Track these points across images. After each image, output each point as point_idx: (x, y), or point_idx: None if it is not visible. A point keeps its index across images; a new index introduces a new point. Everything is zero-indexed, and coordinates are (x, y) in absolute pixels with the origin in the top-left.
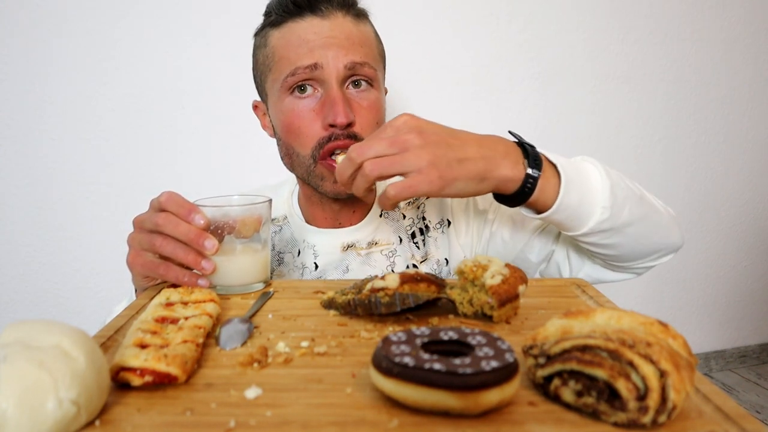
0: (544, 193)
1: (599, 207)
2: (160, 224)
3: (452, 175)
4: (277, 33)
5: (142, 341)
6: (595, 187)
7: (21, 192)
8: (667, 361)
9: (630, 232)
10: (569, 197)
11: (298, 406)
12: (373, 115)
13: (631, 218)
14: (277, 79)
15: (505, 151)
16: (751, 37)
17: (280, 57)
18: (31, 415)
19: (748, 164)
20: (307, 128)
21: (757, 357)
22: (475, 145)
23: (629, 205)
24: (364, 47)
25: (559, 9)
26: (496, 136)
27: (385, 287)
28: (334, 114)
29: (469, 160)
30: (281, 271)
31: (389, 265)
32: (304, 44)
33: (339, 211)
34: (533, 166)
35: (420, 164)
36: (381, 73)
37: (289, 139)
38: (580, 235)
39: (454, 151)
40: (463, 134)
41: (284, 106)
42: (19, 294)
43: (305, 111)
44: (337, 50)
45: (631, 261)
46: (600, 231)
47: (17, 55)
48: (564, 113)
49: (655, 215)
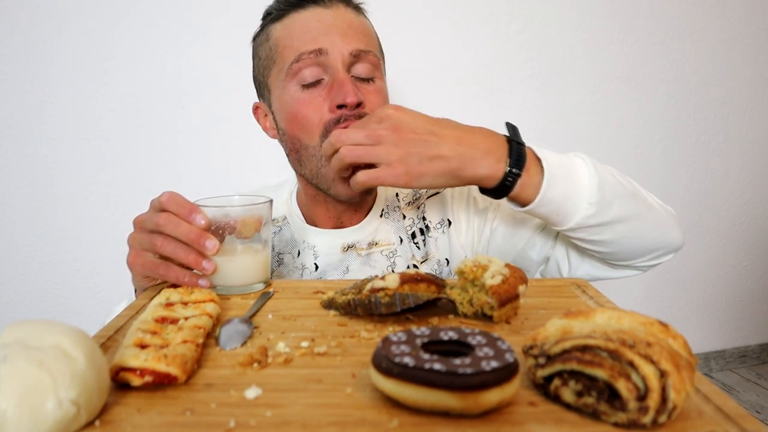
0: (525, 189)
1: (585, 203)
2: (160, 224)
3: (420, 171)
4: (279, 25)
5: (142, 341)
6: (582, 182)
7: (21, 192)
8: (667, 361)
9: (620, 229)
10: (552, 192)
11: (298, 407)
12: (381, 100)
13: (620, 215)
14: (281, 69)
15: (487, 149)
16: (751, 37)
17: (284, 46)
18: (31, 415)
19: (748, 164)
20: (313, 114)
21: (757, 357)
22: (453, 143)
23: (619, 201)
24: (366, 36)
25: (559, 9)
26: (485, 131)
27: (385, 287)
28: (344, 94)
29: (442, 158)
30: (281, 272)
31: (389, 265)
32: (307, 32)
33: (343, 211)
34: (515, 165)
35: (390, 159)
36: (383, 67)
37: (294, 130)
38: (567, 229)
39: (428, 149)
40: (445, 130)
41: (289, 96)
42: (19, 294)
43: (312, 98)
44: (341, 38)
45: (629, 259)
46: (587, 226)
47: (17, 55)
48: (564, 113)
49: (650, 213)
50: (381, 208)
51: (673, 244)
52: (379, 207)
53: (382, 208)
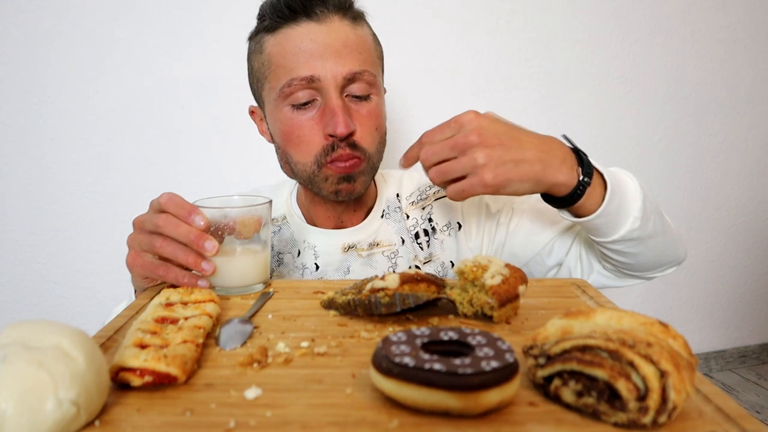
0: (589, 199)
1: (632, 217)
2: (160, 225)
3: (507, 177)
4: (272, 39)
5: (141, 341)
6: (631, 197)
7: (21, 192)
8: (667, 361)
9: (651, 243)
10: (611, 205)
11: (298, 407)
12: (373, 122)
13: (654, 230)
14: (273, 88)
15: (563, 156)
16: (751, 37)
17: (276, 65)
18: (31, 416)
19: (748, 164)
20: (307, 138)
21: (757, 357)
22: (534, 148)
23: (654, 217)
24: (362, 53)
25: (559, 9)
26: (555, 140)
27: (385, 287)
28: (334, 125)
29: (526, 162)
30: (281, 272)
31: (391, 266)
32: (300, 53)
33: (342, 212)
34: (586, 174)
35: (476, 167)
36: (380, 77)
37: (288, 148)
38: (610, 241)
39: (513, 153)
40: (523, 135)
41: (282, 116)
42: (19, 294)
43: (305, 121)
44: (335, 60)
45: (643, 271)
46: (629, 240)
47: (17, 55)
48: (564, 113)
49: (669, 229)
50: (382, 209)
51: (681, 258)
52: (380, 208)
53: (383, 209)
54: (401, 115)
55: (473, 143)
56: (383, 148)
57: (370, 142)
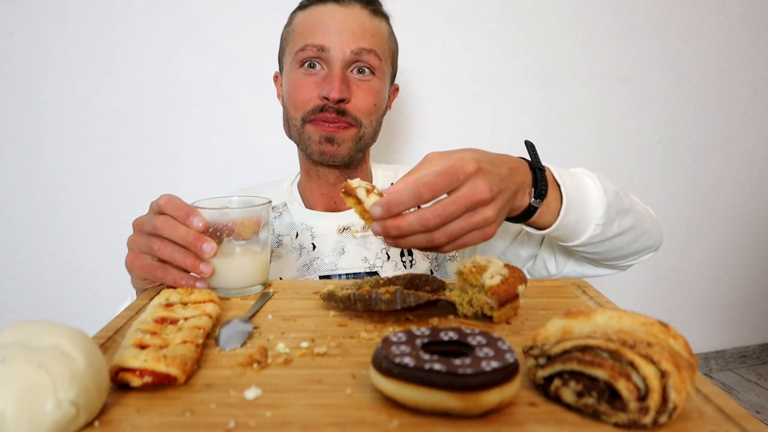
0: (543, 217)
1: (593, 224)
2: (158, 227)
3: (504, 216)
4: (301, 14)
5: (141, 342)
6: (592, 205)
7: (21, 192)
8: (667, 361)
9: (616, 241)
10: (567, 218)
11: (298, 407)
12: (371, 99)
13: (618, 230)
14: (291, 52)
15: (524, 181)
16: (751, 37)
17: (297, 33)
18: (30, 416)
19: (748, 164)
20: (304, 96)
21: (757, 357)
22: (514, 183)
23: (619, 219)
24: (374, 37)
25: (558, 9)
26: (522, 164)
27: (387, 286)
28: (330, 88)
29: (517, 197)
30: (280, 252)
31: (384, 248)
32: (318, 25)
33: (334, 186)
34: (538, 196)
35: (486, 220)
36: (388, 68)
37: (288, 105)
38: (573, 245)
39: (509, 193)
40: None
41: (291, 76)
42: (19, 294)
43: (307, 83)
44: (347, 36)
45: (615, 261)
46: (592, 243)
47: (17, 55)
48: (564, 113)
49: (640, 223)
50: None
51: (656, 246)
52: None
53: None
54: (401, 115)
55: (484, 200)
56: (377, 127)
57: (365, 113)
